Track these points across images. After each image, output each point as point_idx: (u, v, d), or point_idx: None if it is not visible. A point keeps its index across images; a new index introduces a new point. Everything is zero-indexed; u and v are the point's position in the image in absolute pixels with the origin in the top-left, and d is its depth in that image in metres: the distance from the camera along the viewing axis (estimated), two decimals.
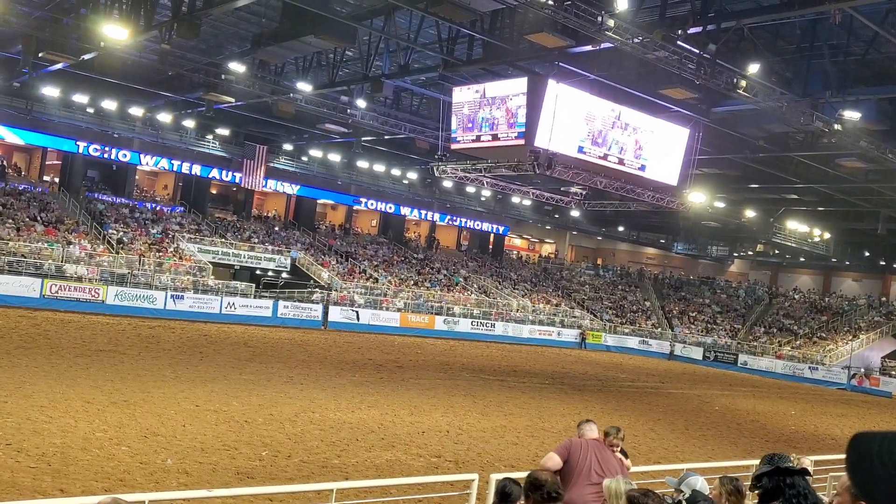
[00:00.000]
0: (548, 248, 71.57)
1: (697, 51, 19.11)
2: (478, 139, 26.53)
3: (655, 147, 27.82)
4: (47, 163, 43.86)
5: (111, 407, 13.35)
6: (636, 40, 18.28)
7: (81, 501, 7.33)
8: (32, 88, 36.16)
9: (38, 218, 36.24)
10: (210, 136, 45.04)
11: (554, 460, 6.20)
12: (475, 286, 49.84)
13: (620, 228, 64.55)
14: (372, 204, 53.10)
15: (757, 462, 5.33)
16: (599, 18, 17.16)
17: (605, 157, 26.87)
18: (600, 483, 6.09)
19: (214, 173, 45.88)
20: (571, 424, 7.06)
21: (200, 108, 36.48)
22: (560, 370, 31.67)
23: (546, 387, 25.18)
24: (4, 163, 42.18)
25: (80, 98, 37.70)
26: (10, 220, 34.71)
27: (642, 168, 28.05)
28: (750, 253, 64.25)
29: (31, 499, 8.00)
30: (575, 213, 54.00)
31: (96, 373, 16.82)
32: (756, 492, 4.46)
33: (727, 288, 61.04)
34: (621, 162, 27.39)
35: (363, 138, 38.90)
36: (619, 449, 6.73)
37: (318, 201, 52.19)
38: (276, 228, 47.99)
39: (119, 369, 17.74)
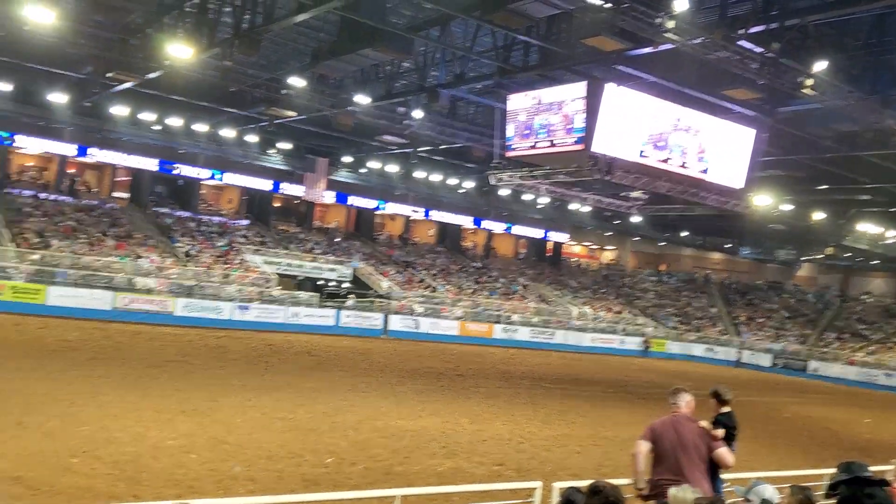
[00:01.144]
0: (608, 255, 70.72)
1: (760, 50, 18.68)
2: (534, 146, 26.38)
3: (719, 149, 27.25)
4: (117, 179, 45.35)
5: (181, 416, 13.67)
6: (696, 41, 17.96)
7: None
8: (102, 108, 37.42)
9: (109, 233, 37.46)
10: (272, 150, 45.88)
11: (641, 446, 6.41)
12: (534, 294, 49.54)
13: (684, 233, 63.35)
14: (429, 213, 53.34)
15: (830, 471, 5.16)
16: (658, 20, 16.93)
17: (666, 161, 26.44)
18: (678, 464, 6.11)
19: (277, 186, 46.82)
20: (635, 433, 6.98)
21: (263, 122, 37.24)
22: (623, 378, 31.23)
23: (609, 395, 24.86)
24: (76, 180, 43.75)
25: (148, 116, 38.87)
26: (83, 236, 35.98)
27: (705, 171, 27.50)
28: (819, 256, 62.31)
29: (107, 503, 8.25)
30: (636, 219, 53.20)
31: (166, 382, 17.26)
32: (831, 500, 4.32)
33: (796, 293, 59.31)
34: (683, 165, 26.91)
35: (420, 148, 39.14)
36: (721, 412, 6.91)
37: (377, 212, 52.67)
38: (338, 239, 48.59)
39: (188, 379, 18.17)
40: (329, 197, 48.14)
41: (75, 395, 14.47)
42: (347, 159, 47.74)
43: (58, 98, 35.05)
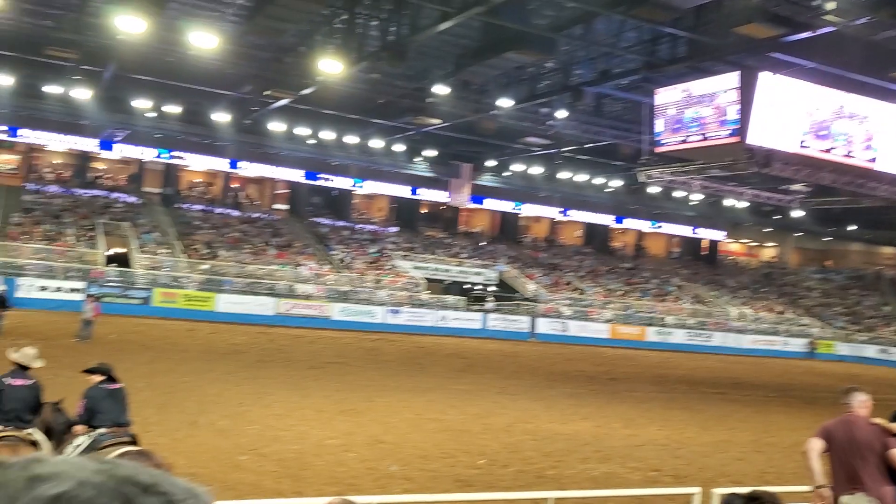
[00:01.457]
0: (769, 252, 67.13)
1: None
2: (685, 140, 25.51)
3: (890, 136, 25.29)
4: (276, 192, 47.96)
5: (340, 415, 14.22)
6: (860, 21, 16.77)
7: (316, 501, 7.89)
8: (261, 124, 39.65)
9: (271, 242, 39.64)
10: (418, 158, 46.92)
11: (813, 443, 6.18)
12: (689, 295, 47.83)
13: (851, 227, 59.06)
14: (576, 214, 52.64)
15: None
16: (816, 2, 15.95)
17: (829, 151, 24.82)
18: (852, 468, 5.78)
19: (424, 193, 47.87)
20: (801, 439, 6.63)
21: (409, 131, 38.16)
22: (787, 382, 29.56)
23: (772, 400, 23.60)
24: (239, 194, 46.64)
25: (302, 130, 40.79)
26: (248, 246, 38.27)
27: (873, 160, 25.60)
28: None
29: (273, 498, 8.71)
30: (798, 214, 50.19)
31: (326, 383, 18.03)
32: None
33: None
34: (848, 155, 25.17)
35: (564, 148, 38.77)
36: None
37: (522, 215, 52.61)
38: (483, 243, 48.98)
39: (346, 380, 18.89)
40: (470, 201, 48.66)
41: (243, 395, 15.39)
42: (491, 163, 48.02)
43: (220, 117, 37.45)
